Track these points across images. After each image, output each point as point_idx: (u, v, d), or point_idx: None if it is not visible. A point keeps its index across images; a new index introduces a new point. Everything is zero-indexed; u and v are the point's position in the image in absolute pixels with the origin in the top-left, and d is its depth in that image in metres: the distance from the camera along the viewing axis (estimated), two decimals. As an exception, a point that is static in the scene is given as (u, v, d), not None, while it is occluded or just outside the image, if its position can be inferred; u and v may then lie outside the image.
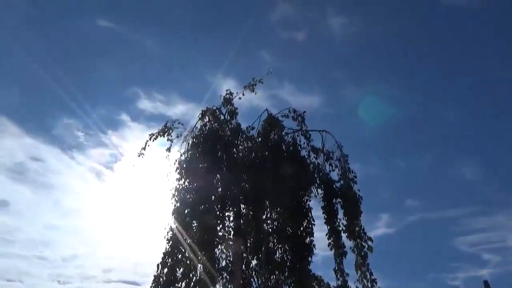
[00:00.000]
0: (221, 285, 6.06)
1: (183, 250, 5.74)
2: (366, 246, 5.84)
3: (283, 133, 6.96)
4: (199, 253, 5.64)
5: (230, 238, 6.31)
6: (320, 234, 6.34)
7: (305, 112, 7.13)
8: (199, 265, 5.72)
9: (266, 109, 7.10)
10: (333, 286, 5.99)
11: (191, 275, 5.62)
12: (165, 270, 5.61)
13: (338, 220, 6.22)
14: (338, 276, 5.73)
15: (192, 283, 5.55)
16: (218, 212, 6.27)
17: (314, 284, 6.00)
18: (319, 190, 6.68)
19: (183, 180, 6.51)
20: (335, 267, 5.79)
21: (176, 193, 6.38)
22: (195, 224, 5.96)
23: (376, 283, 5.58)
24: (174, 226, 5.93)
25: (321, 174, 6.77)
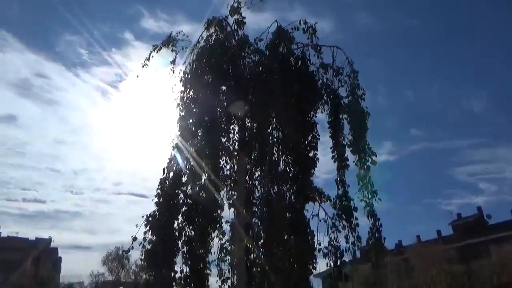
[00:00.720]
0: (225, 192, 6.28)
1: (188, 157, 5.83)
2: (370, 160, 5.85)
3: (292, 46, 6.63)
4: (203, 161, 5.72)
5: (235, 149, 6.37)
6: (323, 159, 6.31)
7: (316, 23, 6.72)
8: (204, 174, 5.84)
9: (276, 20, 6.68)
10: (333, 197, 6.10)
11: (195, 181, 5.77)
12: (171, 174, 5.76)
13: (344, 135, 6.18)
14: (339, 186, 5.84)
15: (197, 188, 5.72)
16: (223, 125, 6.25)
17: (315, 195, 6.13)
18: (326, 107, 6.55)
19: (188, 90, 6.39)
20: (337, 179, 5.88)
21: (180, 103, 6.31)
22: (199, 133, 5.97)
23: (376, 194, 5.68)
24: (178, 133, 5.96)
25: (329, 90, 6.57)
